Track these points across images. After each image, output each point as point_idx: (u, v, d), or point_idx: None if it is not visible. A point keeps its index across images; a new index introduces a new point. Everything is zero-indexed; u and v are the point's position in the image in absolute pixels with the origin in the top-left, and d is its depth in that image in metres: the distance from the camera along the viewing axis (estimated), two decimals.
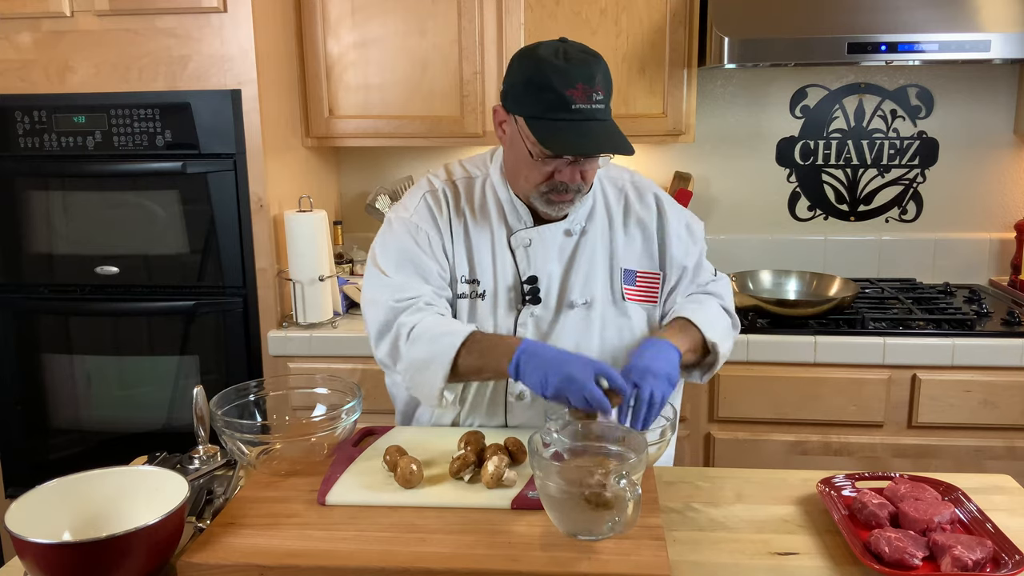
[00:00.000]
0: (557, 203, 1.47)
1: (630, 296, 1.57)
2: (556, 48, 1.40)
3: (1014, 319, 2.30)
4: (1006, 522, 1.22)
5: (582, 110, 1.37)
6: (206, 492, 1.27)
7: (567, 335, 1.54)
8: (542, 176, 1.45)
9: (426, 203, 1.56)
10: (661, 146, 2.79)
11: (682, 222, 1.62)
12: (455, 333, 1.41)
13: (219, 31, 2.23)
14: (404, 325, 1.45)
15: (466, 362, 1.39)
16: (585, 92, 1.36)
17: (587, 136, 1.37)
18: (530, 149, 1.42)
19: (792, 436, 2.29)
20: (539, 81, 1.37)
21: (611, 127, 1.40)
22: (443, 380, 1.40)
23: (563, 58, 1.38)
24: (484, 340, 1.41)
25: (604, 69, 1.40)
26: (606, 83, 1.40)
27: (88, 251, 2.40)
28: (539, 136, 1.38)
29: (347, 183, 2.93)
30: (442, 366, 1.39)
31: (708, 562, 1.17)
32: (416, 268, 1.51)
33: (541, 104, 1.38)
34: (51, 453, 2.55)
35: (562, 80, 1.36)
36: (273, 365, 2.38)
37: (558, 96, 1.36)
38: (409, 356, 1.44)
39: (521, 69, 1.42)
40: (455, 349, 1.38)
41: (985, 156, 2.74)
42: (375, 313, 1.50)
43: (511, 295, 1.54)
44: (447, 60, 2.46)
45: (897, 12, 2.23)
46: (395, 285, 1.49)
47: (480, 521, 1.19)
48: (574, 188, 1.45)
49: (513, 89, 1.44)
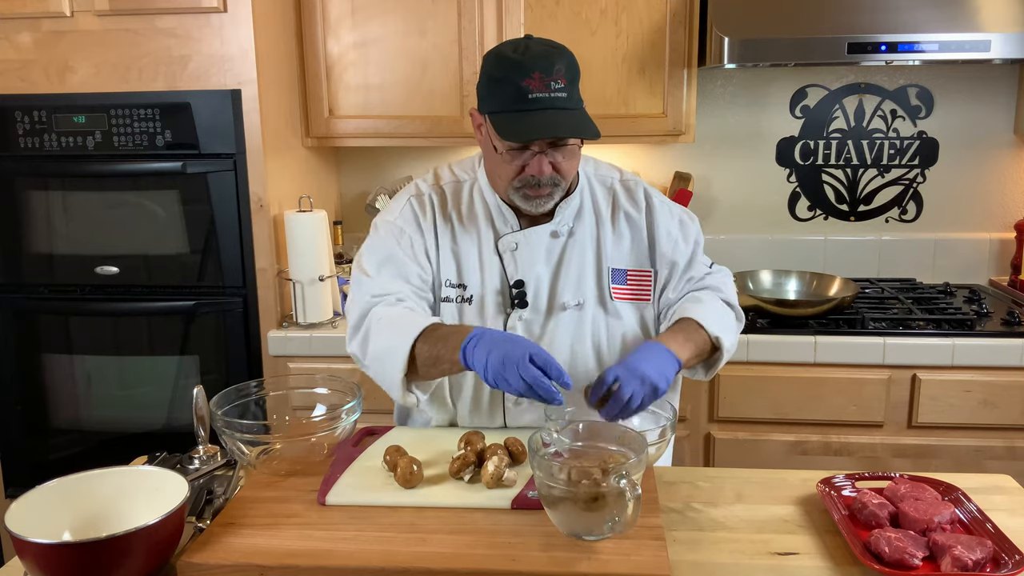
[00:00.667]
0: (534, 198, 1.47)
1: (619, 295, 1.55)
2: (517, 44, 1.41)
3: (1014, 319, 2.30)
4: (1006, 522, 1.22)
5: (540, 99, 1.36)
6: (206, 492, 1.27)
7: (560, 338, 1.53)
8: (513, 171, 1.44)
9: (411, 207, 1.56)
10: (661, 146, 2.79)
11: (674, 218, 1.60)
12: (415, 323, 1.40)
13: (219, 31, 2.23)
14: (374, 316, 1.45)
15: (423, 351, 1.36)
16: (542, 81, 1.36)
17: (544, 123, 1.37)
18: (495, 145, 1.43)
19: (792, 436, 2.29)
20: (498, 76, 1.39)
21: (574, 113, 1.39)
22: (401, 370, 1.37)
23: (521, 52, 1.38)
24: (441, 329, 1.40)
25: (568, 59, 1.40)
26: (570, 72, 1.39)
27: (88, 251, 2.40)
28: (498, 129, 1.39)
29: (347, 183, 2.93)
30: (400, 355, 1.37)
31: (708, 562, 1.17)
32: (397, 270, 1.51)
33: (501, 98, 1.39)
34: (51, 453, 2.55)
35: (518, 72, 1.36)
36: (273, 365, 2.38)
37: (515, 88, 1.36)
38: (373, 346, 1.43)
39: (485, 67, 1.44)
40: (413, 338, 1.37)
41: (985, 156, 2.74)
42: (351, 310, 1.51)
43: (499, 299, 1.54)
44: (447, 60, 2.46)
45: (897, 12, 2.23)
46: (374, 284, 1.50)
47: (480, 521, 1.19)
48: (547, 181, 1.44)
49: (479, 89, 1.45)
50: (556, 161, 1.43)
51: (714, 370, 1.55)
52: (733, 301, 1.60)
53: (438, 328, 1.40)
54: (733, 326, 1.56)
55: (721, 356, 1.51)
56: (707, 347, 1.49)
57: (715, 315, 1.51)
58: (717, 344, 1.49)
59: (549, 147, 1.41)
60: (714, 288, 1.58)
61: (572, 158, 1.45)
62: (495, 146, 1.43)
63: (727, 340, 1.50)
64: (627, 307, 1.56)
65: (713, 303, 1.54)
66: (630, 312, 1.56)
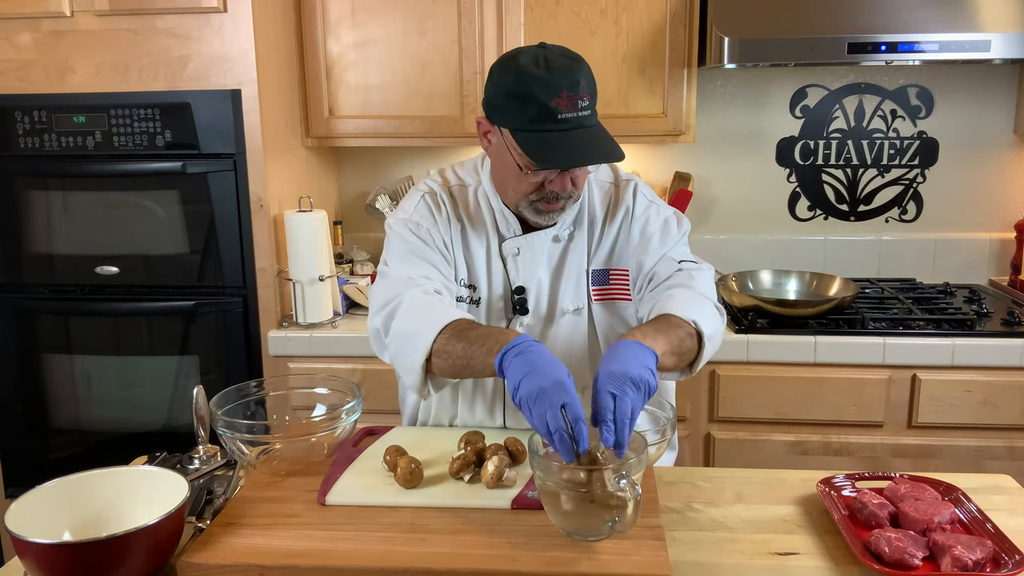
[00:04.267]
0: (547, 212, 1.45)
1: (598, 297, 1.54)
2: (536, 55, 1.36)
3: (1014, 319, 2.30)
4: (1006, 522, 1.22)
5: (569, 119, 1.33)
6: (206, 492, 1.27)
7: (560, 343, 1.53)
8: (531, 187, 1.42)
9: (426, 203, 1.55)
10: (661, 146, 2.79)
11: (660, 217, 1.56)
12: (445, 313, 1.35)
13: (219, 31, 2.23)
14: (406, 296, 1.40)
15: (455, 347, 1.29)
16: (570, 100, 1.33)
17: (577, 147, 1.34)
18: (518, 161, 1.39)
19: (792, 436, 2.29)
20: (522, 92, 1.33)
21: (600, 133, 1.37)
22: (423, 354, 1.32)
23: (544, 67, 1.34)
24: (479, 328, 1.32)
25: (587, 72, 1.37)
26: (590, 87, 1.37)
27: (88, 251, 2.40)
28: (527, 150, 1.34)
29: (347, 183, 2.93)
30: (425, 340, 1.32)
31: (708, 562, 1.17)
32: (423, 258, 1.49)
33: (526, 116, 1.34)
34: (51, 453, 2.55)
35: (545, 90, 1.32)
36: (273, 365, 2.38)
37: (542, 107, 1.32)
38: (398, 324, 1.39)
39: (502, 80, 1.38)
40: (441, 325, 1.32)
41: (985, 156, 2.74)
42: (381, 289, 1.46)
43: (502, 304, 1.54)
44: (447, 60, 2.46)
45: (897, 12, 2.23)
46: (403, 271, 1.46)
47: (480, 521, 1.19)
48: (564, 196, 1.43)
49: (495, 100, 1.40)
50: (575, 176, 1.42)
51: (698, 364, 1.40)
52: (708, 293, 1.47)
53: (475, 326, 1.33)
54: (712, 313, 1.42)
55: (704, 346, 1.37)
56: (689, 342, 1.35)
57: (687, 304, 1.39)
58: (697, 329, 1.35)
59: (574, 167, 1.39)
60: (683, 284, 1.46)
61: (586, 172, 1.45)
62: (517, 162, 1.39)
63: (707, 326, 1.36)
64: (610, 308, 1.55)
65: (685, 294, 1.42)
66: (616, 313, 1.55)
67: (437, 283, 1.46)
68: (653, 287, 1.50)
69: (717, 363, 2.26)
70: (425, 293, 1.42)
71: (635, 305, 1.56)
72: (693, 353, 1.37)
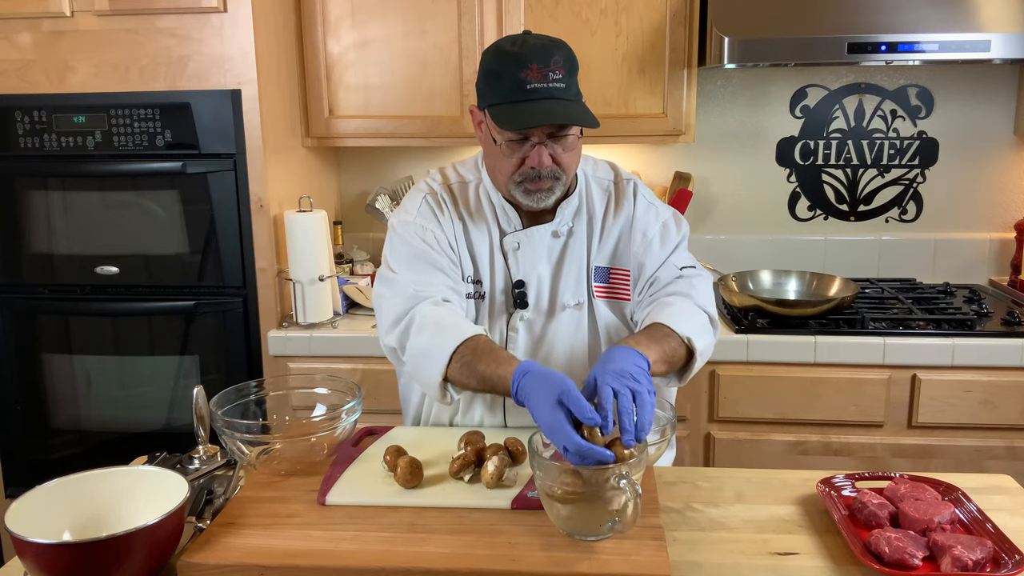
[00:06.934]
0: (535, 192, 1.46)
1: (601, 294, 1.55)
2: (515, 38, 1.42)
3: (1014, 319, 2.30)
4: (1006, 522, 1.22)
5: (538, 89, 1.36)
6: (206, 492, 1.27)
7: (560, 337, 1.53)
8: (513, 165, 1.44)
9: (427, 204, 1.56)
10: (661, 146, 2.79)
11: (659, 219, 1.57)
12: (460, 330, 1.37)
13: (219, 31, 2.23)
14: (419, 313, 1.42)
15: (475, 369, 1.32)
16: (540, 71, 1.36)
17: (543, 112, 1.36)
18: (495, 138, 1.43)
19: (792, 436, 2.29)
20: (496, 69, 1.39)
21: (571, 102, 1.39)
22: (440, 373, 1.35)
23: (519, 45, 1.39)
24: (495, 351, 1.34)
25: (566, 52, 1.40)
26: (568, 63, 1.39)
27: (88, 251, 2.40)
28: (497, 120, 1.39)
29: (347, 183, 2.93)
30: (441, 358, 1.35)
31: (708, 562, 1.17)
32: (429, 262, 1.50)
33: (500, 91, 1.39)
34: (51, 453, 2.55)
35: (516, 64, 1.37)
36: (273, 365, 2.38)
37: (513, 79, 1.37)
38: (414, 345, 1.41)
39: (483, 63, 1.44)
40: (455, 344, 1.34)
41: (985, 156, 2.74)
42: (390, 304, 1.47)
43: (504, 298, 1.55)
44: (447, 60, 2.46)
45: (897, 12, 2.23)
46: (410, 279, 1.47)
47: (480, 521, 1.19)
48: (547, 174, 1.43)
49: (479, 84, 1.46)
50: (556, 153, 1.43)
51: (687, 374, 1.45)
52: (706, 305, 1.51)
53: (492, 348, 1.35)
54: (706, 328, 1.47)
55: (695, 360, 1.43)
56: (680, 351, 1.40)
57: (684, 317, 1.43)
58: (690, 345, 1.40)
59: (548, 139, 1.41)
60: (683, 293, 1.50)
61: (572, 150, 1.45)
62: (495, 139, 1.43)
63: (700, 342, 1.41)
64: (611, 305, 1.56)
65: (683, 306, 1.46)
66: (617, 311, 1.56)
67: (445, 289, 1.48)
68: (653, 292, 1.53)
69: (717, 363, 2.26)
70: (436, 305, 1.43)
71: (633, 306, 1.56)
72: (683, 362, 1.43)
